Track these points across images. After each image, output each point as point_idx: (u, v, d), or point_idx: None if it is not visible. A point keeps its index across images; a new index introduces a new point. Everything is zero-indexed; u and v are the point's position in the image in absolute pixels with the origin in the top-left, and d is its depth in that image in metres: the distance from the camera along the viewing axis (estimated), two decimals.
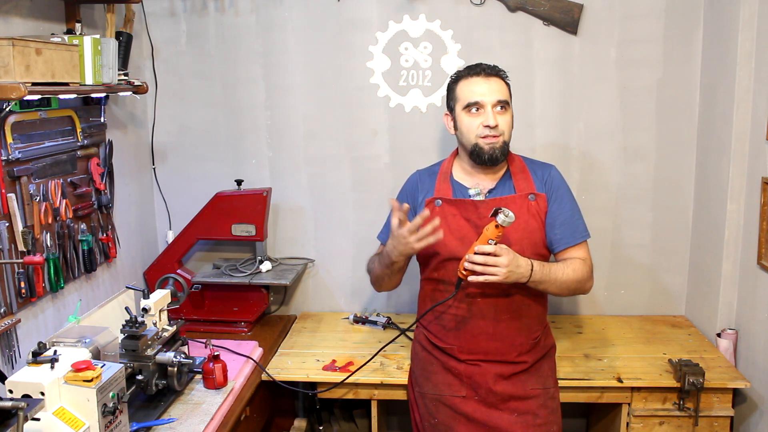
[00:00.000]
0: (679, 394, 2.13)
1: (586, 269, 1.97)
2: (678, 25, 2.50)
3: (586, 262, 1.98)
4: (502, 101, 1.93)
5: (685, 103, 2.56)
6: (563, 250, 1.98)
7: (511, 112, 1.98)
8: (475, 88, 1.94)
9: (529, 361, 2.00)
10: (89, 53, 1.98)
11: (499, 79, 1.96)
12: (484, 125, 1.91)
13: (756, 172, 2.21)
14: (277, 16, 2.62)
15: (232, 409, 2.00)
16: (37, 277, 1.93)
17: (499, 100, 1.93)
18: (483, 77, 1.95)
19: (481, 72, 1.95)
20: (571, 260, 1.96)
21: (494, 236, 1.78)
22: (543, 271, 1.86)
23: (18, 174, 1.86)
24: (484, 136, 1.92)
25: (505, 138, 1.95)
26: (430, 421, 2.04)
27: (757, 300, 2.20)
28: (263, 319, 2.75)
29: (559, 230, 1.97)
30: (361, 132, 2.69)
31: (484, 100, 1.92)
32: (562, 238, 1.97)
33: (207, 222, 2.62)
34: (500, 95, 1.93)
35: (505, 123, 1.94)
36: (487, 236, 1.79)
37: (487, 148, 1.93)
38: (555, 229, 1.97)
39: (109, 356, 1.78)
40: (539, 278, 1.85)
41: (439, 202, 2.01)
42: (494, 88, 1.93)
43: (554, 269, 1.90)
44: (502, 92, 1.94)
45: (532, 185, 1.99)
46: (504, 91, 1.95)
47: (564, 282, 1.91)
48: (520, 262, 1.81)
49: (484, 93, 1.93)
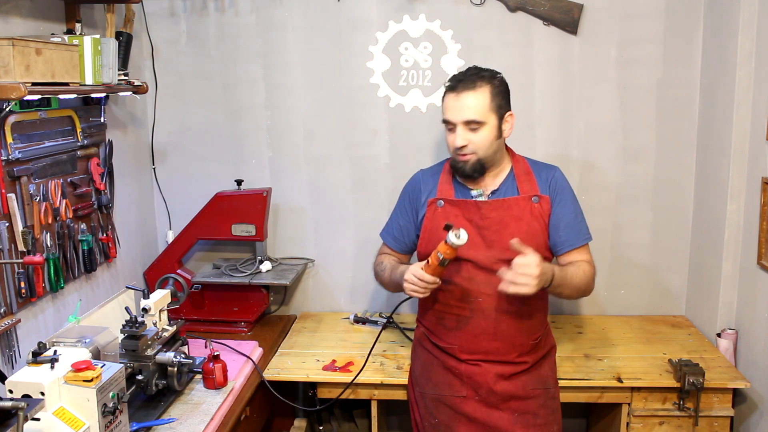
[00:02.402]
0: (679, 394, 2.13)
1: (593, 272, 1.98)
2: (678, 25, 2.50)
3: (591, 264, 1.99)
4: (470, 121, 1.87)
5: (685, 103, 2.56)
6: (566, 252, 1.98)
7: (492, 127, 1.89)
8: (448, 104, 1.91)
9: (530, 362, 2.00)
10: (89, 53, 1.98)
11: (475, 93, 1.87)
12: (452, 145, 1.92)
13: (756, 172, 2.21)
14: (277, 16, 2.62)
15: (232, 409, 2.00)
16: (37, 277, 1.93)
17: (466, 121, 1.88)
18: (455, 93, 1.89)
19: (455, 86, 1.89)
20: (578, 263, 1.96)
21: (444, 252, 1.74)
22: (561, 276, 1.86)
23: (18, 174, 1.86)
24: (456, 153, 1.93)
25: (479, 155, 1.91)
26: (430, 421, 2.04)
27: (757, 300, 2.20)
28: (263, 319, 2.75)
29: (564, 232, 1.96)
30: (361, 132, 2.69)
31: (454, 119, 1.89)
32: (566, 240, 1.97)
33: (207, 222, 2.62)
34: (469, 114, 1.86)
35: (478, 141, 1.89)
36: (438, 251, 1.76)
37: (459, 165, 1.94)
38: (559, 231, 1.96)
39: (109, 356, 1.78)
40: (558, 283, 1.85)
41: (441, 203, 2.01)
42: (465, 106, 1.87)
43: (569, 273, 1.90)
44: (472, 110, 1.86)
45: (535, 187, 1.98)
46: (476, 109, 1.86)
47: (577, 285, 1.92)
48: (546, 270, 1.78)
49: (454, 112, 1.89)
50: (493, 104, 1.89)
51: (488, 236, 1.94)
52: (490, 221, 1.94)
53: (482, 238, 1.94)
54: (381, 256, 2.19)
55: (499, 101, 1.90)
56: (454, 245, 1.73)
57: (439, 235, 1.96)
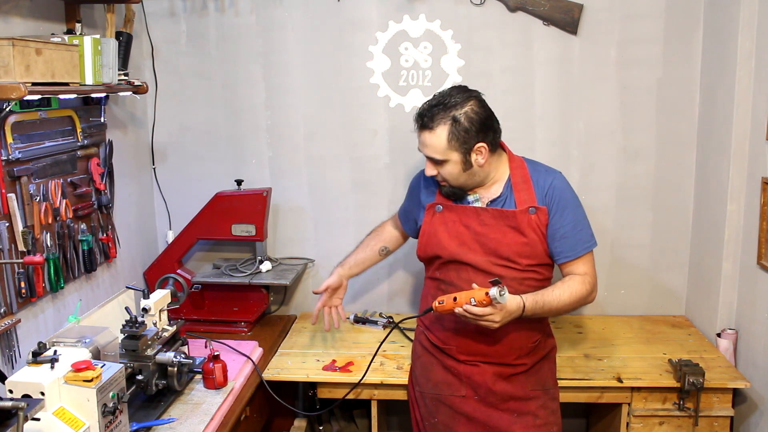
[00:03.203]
0: (679, 394, 2.13)
1: (585, 287, 1.92)
2: (678, 25, 2.50)
3: (585, 277, 1.93)
4: (431, 158, 1.90)
5: (685, 103, 2.56)
6: (564, 263, 1.96)
7: (456, 162, 1.88)
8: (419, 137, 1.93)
9: (529, 363, 2.00)
10: (89, 53, 1.98)
11: (431, 134, 1.86)
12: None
13: (756, 172, 2.21)
14: (277, 16, 2.62)
15: (232, 409, 2.00)
16: (37, 277, 1.93)
17: (429, 158, 1.91)
18: (418, 130, 1.91)
19: (418, 121, 1.91)
20: (568, 280, 1.93)
21: (480, 300, 1.76)
22: (536, 307, 1.85)
23: (18, 174, 1.86)
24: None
25: (452, 183, 1.94)
26: (430, 421, 2.04)
27: (757, 300, 2.20)
28: (263, 319, 2.75)
29: (559, 244, 1.93)
30: (361, 132, 2.69)
31: (421, 151, 1.94)
32: (562, 252, 1.94)
33: (207, 222, 2.62)
34: (429, 152, 1.89)
35: (445, 173, 1.92)
36: (475, 296, 1.77)
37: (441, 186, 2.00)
38: (555, 242, 1.93)
39: (109, 356, 1.78)
40: (531, 314, 1.86)
41: (439, 208, 2.01)
42: (425, 143, 1.89)
43: (548, 299, 1.88)
44: (431, 149, 1.88)
45: (533, 197, 1.94)
46: (434, 148, 1.87)
47: (560, 308, 1.90)
48: (511, 310, 1.80)
49: (420, 145, 1.93)
50: (451, 144, 1.85)
51: (485, 243, 1.93)
52: (488, 228, 1.94)
53: (479, 243, 1.94)
54: (380, 226, 2.39)
55: (460, 139, 1.84)
56: (495, 301, 1.74)
57: (437, 239, 1.97)
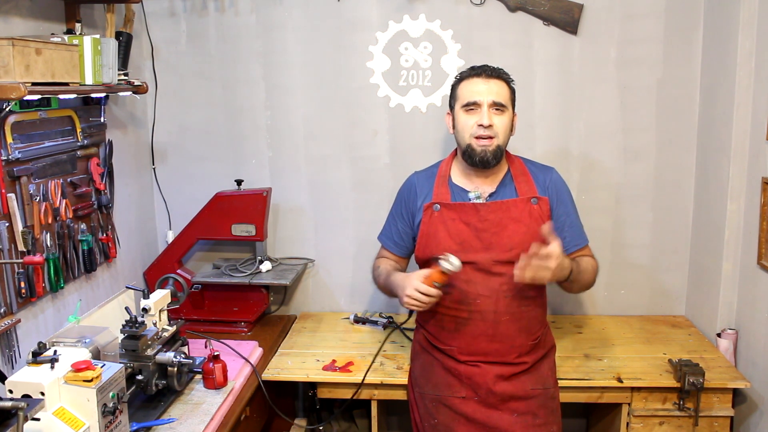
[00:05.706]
0: (679, 394, 2.13)
1: (596, 268, 2.06)
2: (678, 25, 2.50)
3: (595, 259, 2.08)
4: (498, 103, 1.93)
5: (685, 103, 2.56)
6: (572, 253, 2.00)
7: (510, 116, 1.97)
8: (474, 88, 1.95)
9: (529, 362, 2.00)
10: (89, 53, 1.98)
11: (500, 81, 1.96)
12: (478, 124, 1.92)
13: (756, 172, 2.21)
14: (277, 16, 2.62)
15: (232, 409, 2.00)
16: (37, 277, 1.93)
17: (495, 102, 1.93)
18: (483, 78, 1.95)
19: (482, 73, 1.96)
20: (587, 258, 2.04)
21: (438, 280, 1.81)
22: (576, 271, 1.91)
23: (18, 174, 1.86)
24: (477, 136, 1.93)
25: (499, 141, 1.94)
26: (430, 422, 2.04)
27: (757, 300, 2.20)
28: (263, 319, 2.75)
29: (568, 233, 2.00)
30: (361, 132, 2.69)
31: (481, 100, 1.93)
32: (571, 240, 2.01)
33: (207, 222, 2.62)
34: (497, 97, 1.93)
35: (501, 125, 1.94)
36: (431, 278, 1.82)
37: (478, 150, 1.94)
38: (563, 233, 1.98)
39: (109, 356, 1.78)
40: (573, 278, 1.91)
41: (437, 207, 2.01)
42: (493, 90, 1.94)
43: (583, 268, 1.96)
44: (500, 94, 1.94)
45: (533, 188, 1.99)
46: (503, 94, 1.95)
47: (587, 281, 2.01)
48: (564, 265, 1.83)
49: (482, 93, 1.93)
50: (511, 98, 1.99)
51: (486, 238, 1.94)
52: (489, 223, 1.95)
53: (480, 240, 1.94)
54: (378, 260, 2.20)
55: (513, 99, 2.00)
56: (449, 271, 1.78)
57: (436, 239, 1.97)
